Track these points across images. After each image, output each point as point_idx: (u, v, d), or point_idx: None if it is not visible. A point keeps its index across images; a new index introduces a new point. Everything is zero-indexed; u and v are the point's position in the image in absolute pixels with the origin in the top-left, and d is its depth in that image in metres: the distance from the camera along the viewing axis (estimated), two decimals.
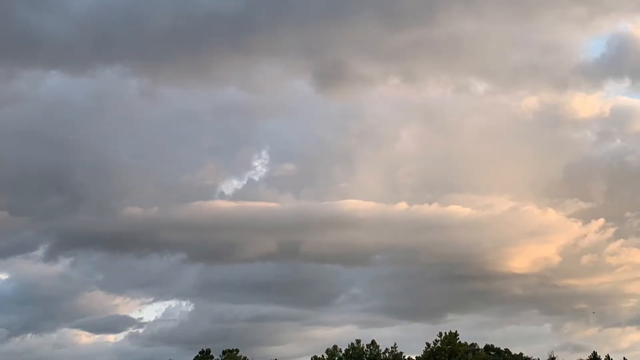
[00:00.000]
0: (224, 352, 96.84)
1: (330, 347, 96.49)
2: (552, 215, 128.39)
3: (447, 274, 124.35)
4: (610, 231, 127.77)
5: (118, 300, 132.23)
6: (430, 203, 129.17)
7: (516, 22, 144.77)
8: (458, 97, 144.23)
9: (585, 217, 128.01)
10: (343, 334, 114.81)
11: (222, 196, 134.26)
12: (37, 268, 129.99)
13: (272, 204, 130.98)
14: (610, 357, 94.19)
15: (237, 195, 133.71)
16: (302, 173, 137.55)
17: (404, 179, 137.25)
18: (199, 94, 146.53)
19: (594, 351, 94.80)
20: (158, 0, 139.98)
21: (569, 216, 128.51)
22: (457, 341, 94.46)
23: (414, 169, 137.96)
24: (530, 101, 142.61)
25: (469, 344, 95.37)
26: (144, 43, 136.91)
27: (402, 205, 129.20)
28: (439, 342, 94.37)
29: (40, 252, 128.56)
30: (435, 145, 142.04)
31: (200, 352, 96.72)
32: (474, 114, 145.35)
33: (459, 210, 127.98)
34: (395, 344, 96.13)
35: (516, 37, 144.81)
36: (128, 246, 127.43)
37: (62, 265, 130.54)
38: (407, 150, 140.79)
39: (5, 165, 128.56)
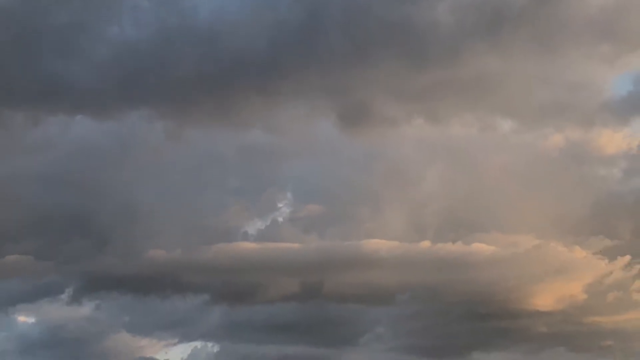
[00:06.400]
0: None
1: None
2: (577, 253, 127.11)
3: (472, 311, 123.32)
4: (637, 268, 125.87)
5: (144, 342, 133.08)
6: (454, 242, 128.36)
7: (542, 61, 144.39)
8: (483, 135, 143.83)
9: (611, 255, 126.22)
10: None
11: (246, 237, 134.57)
12: (63, 311, 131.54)
13: (296, 245, 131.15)
14: None
15: (260, 237, 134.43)
16: (327, 213, 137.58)
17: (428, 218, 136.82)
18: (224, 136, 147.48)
19: None
20: (183, 45, 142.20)
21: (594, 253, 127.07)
22: None
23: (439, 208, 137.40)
24: (556, 139, 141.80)
25: None
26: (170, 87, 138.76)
27: (426, 244, 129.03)
28: None
29: (65, 295, 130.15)
30: (459, 184, 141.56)
31: None
32: (499, 152, 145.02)
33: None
34: None
35: (542, 75, 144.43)
36: (152, 288, 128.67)
37: (88, 308, 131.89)
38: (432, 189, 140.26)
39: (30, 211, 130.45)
